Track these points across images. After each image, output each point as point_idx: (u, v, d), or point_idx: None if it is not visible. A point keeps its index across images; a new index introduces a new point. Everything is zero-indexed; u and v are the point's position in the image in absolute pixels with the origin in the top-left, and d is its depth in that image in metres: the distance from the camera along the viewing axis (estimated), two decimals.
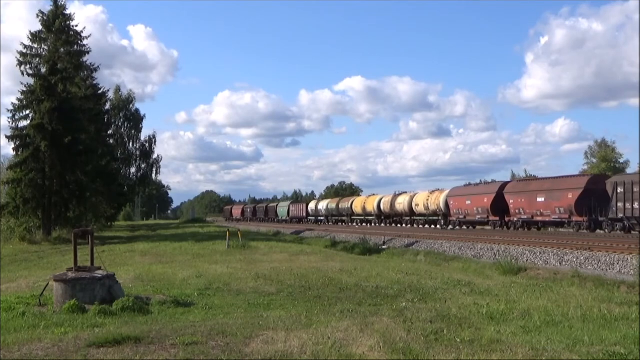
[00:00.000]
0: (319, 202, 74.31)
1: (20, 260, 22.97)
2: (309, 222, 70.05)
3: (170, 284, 12.43)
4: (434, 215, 48.32)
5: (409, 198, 51.33)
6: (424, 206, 48.81)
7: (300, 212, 75.81)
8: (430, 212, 48.30)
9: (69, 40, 39.88)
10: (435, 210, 47.55)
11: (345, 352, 6.12)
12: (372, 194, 62.59)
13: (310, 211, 73.53)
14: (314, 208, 72.83)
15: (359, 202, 61.15)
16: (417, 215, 50.56)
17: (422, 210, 49.29)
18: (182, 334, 6.97)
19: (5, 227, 36.03)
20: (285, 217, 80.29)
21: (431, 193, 49.37)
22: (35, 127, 34.47)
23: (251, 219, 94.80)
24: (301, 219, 74.22)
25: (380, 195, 58.30)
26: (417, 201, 49.95)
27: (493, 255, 21.87)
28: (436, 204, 47.23)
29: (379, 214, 56.44)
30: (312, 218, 72.59)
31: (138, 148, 62.34)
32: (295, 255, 21.05)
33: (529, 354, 6.05)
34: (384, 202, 55.33)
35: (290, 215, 78.58)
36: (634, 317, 8.12)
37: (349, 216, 62.81)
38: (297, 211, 77.43)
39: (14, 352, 6.31)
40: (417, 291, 11.47)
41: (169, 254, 21.95)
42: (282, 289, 11.69)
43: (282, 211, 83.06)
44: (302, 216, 74.69)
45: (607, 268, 17.09)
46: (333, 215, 67.02)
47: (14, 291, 11.66)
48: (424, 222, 49.64)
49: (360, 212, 60.02)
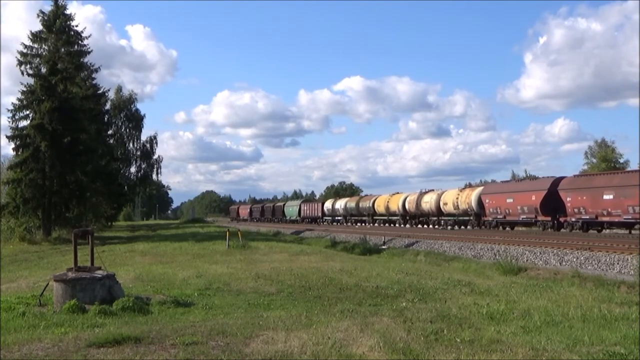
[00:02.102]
0: (336, 201, 68.60)
1: (20, 260, 22.96)
2: (325, 223, 65.93)
3: (170, 284, 12.43)
4: (464, 215, 43.82)
5: (436, 196, 47.13)
6: (453, 205, 44.43)
7: (314, 211, 71.11)
8: (460, 211, 43.82)
9: (69, 40, 39.90)
10: (465, 209, 43.07)
11: (345, 352, 6.11)
12: (395, 192, 57.27)
13: (327, 211, 68.51)
14: (331, 207, 67.67)
15: (381, 201, 56.25)
16: (445, 215, 46.26)
17: (450, 209, 44.98)
18: (182, 334, 6.97)
19: (5, 227, 36.03)
20: (295, 217, 75.76)
21: (461, 190, 45.45)
22: (35, 127, 34.47)
23: (258, 219, 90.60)
24: (315, 219, 69.65)
25: (405, 194, 53.80)
26: (446, 199, 45.58)
27: (493, 255, 21.87)
28: (467, 202, 42.65)
29: (403, 213, 52.13)
30: (329, 218, 67.89)
31: (138, 148, 62.33)
32: (295, 255, 21.04)
33: (529, 354, 6.04)
34: (409, 201, 50.95)
35: (302, 214, 73.81)
36: (634, 317, 8.12)
37: (371, 216, 58.28)
38: (310, 210, 72.58)
39: (14, 352, 6.30)
40: (417, 291, 11.46)
41: (169, 254, 21.94)
42: (282, 289, 11.68)
43: (291, 211, 78.71)
44: (316, 216, 69.98)
45: (607, 268, 17.09)
46: (352, 215, 62.31)
47: (14, 291, 11.66)
48: (453, 222, 45.16)
49: (384, 211, 55.48)
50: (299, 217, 74.27)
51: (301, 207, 75.75)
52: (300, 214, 74.32)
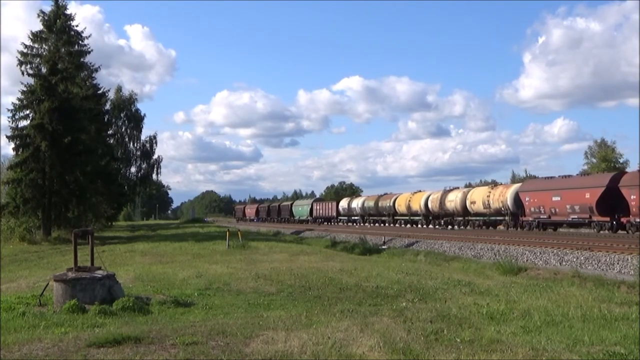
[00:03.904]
0: (353, 200, 65.16)
1: (20, 260, 22.95)
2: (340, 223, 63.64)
3: (170, 284, 12.42)
4: (497, 215, 40.41)
5: (462, 194, 44.41)
6: (482, 204, 41.13)
7: (328, 211, 68.00)
8: (492, 210, 40.34)
9: (69, 40, 39.88)
10: (498, 208, 39.57)
11: (345, 352, 6.11)
12: (418, 190, 54.29)
13: (342, 210, 65.29)
14: (347, 207, 64.25)
15: (402, 200, 53.32)
16: (472, 215, 43.11)
17: (479, 208, 41.66)
18: (182, 334, 6.97)
19: (5, 227, 36.00)
20: (305, 217, 72.77)
21: (492, 188, 42.21)
22: (35, 127, 34.45)
23: (265, 219, 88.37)
24: (329, 219, 66.94)
25: (427, 192, 51.02)
26: (473, 198, 42.41)
27: (493, 255, 21.88)
28: (501, 200, 39.11)
29: (426, 213, 49.46)
30: (344, 218, 64.90)
31: (139, 148, 62.30)
32: (295, 255, 21.05)
33: (529, 354, 6.04)
34: (432, 200, 48.15)
35: (314, 214, 70.55)
36: (634, 317, 8.12)
37: (391, 216, 55.47)
38: (323, 210, 69.37)
39: (14, 352, 6.30)
40: (417, 291, 11.46)
41: (169, 254, 21.95)
42: (282, 289, 11.68)
43: (300, 210, 75.73)
44: (330, 216, 67.07)
45: (607, 268, 17.09)
46: (371, 215, 59.31)
47: (14, 291, 11.66)
48: (482, 223, 41.86)
49: (405, 211, 52.60)
50: (311, 217, 71.34)
51: (313, 206, 72.77)
52: (312, 214, 71.38)
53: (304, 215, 73.41)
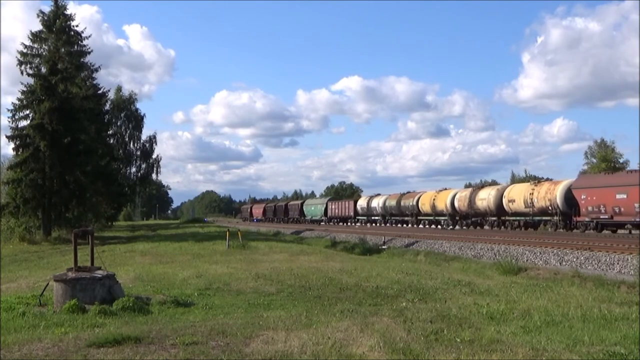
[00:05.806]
0: (372, 199, 61.95)
1: (20, 260, 22.94)
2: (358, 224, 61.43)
3: (170, 284, 12.43)
4: (542, 214, 36.30)
5: (497, 192, 40.71)
6: (524, 202, 37.24)
7: (345, 210, 65.41)
8: (537, 209, 36.26)
9: (69, 40, 39.83)
10: (544, 207, 35.38)
11: (345, 352, 6.11)
12: (443, 188, 50.96)
13: (360, 209, 62.63)
14: (365, 206, 61.59)
15: (426, 199, 50.51)
16: (510, 215, 39.43)
17: (520, 207, 37.81)
18: (182, 334, 6.97)
19: (5, 227, 36.01)
20: (319, 216, 70.06)
21: (536, 184, 37.66)
22: (35, 127, 34.45)
23: (272, 219, 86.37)
24: (346, 219, 64.81)
25: (454, 190, 48.25)
26: (512, 196, 38.66)
27: (493, 255, 21.88)
28: (548, 198, 34.94)
29: (452, 213, 46.62)
30: (363, 218, 62.29)
31: (138, 148, 62.31)
32: (295, 255, 21.05)
33: (529, 354, 6.04)
34: (460, 199, 45.19)
35: (329, 214, 68.04)
36: (634, 317, 8.12)
37: (414, 216, 52.79)
38: (340, 210, 66.71)
39: (14, 352, 6.30)
40: (417, 291, 11.46)
41: (169, 254, 21.94)
42: (282, 289, 11.68)
43: (313, 210, 72.97)
44: (347, 215, 64.69)
45: (607, 268, 17.08)
46: (393, 214, 56.63)
47: (14, 291, 11.66)
48: (524, 223, 37.95)
49: (429, 210, 49.96)
50: (325, 216, 68.81)
51: (328, 205, 69.80)
52: (327, 214, 68.70)
53: (318, 215, 70.90)
